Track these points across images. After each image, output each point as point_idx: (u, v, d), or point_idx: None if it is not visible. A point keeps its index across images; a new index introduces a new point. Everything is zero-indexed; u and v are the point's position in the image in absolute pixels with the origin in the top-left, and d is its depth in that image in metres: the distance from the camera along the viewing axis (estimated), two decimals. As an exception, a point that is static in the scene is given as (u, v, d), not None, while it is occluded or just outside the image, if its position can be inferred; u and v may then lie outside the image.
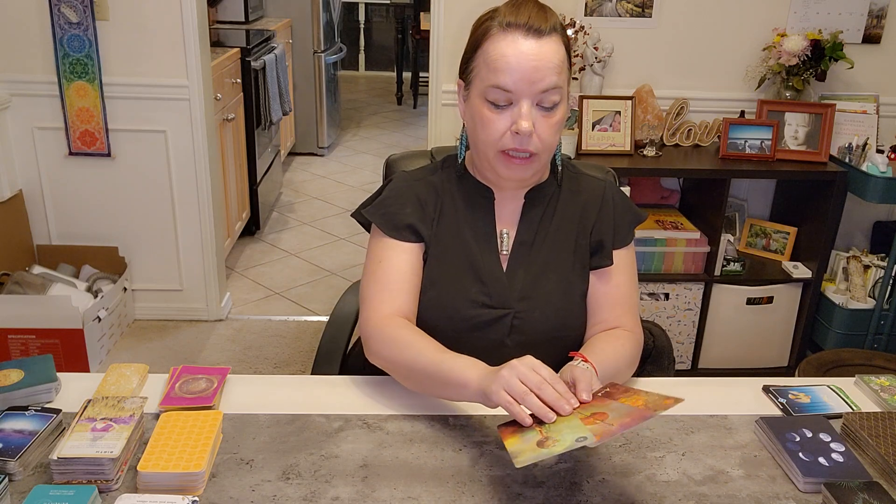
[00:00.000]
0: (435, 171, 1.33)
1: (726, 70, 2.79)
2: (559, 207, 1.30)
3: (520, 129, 1.14)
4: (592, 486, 1.00)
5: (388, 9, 8.03)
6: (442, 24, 2.69)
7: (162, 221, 2.91)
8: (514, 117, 1.15)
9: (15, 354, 2.51)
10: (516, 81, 1.13)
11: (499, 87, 1.14)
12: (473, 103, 1.20)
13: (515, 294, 1.25)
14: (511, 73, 1.13)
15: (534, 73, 1.13)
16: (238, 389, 1.20)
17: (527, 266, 1.27)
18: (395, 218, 1.26)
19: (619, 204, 1.32)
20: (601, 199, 1.31)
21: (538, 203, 1.29)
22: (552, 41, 1.15)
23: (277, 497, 0.97)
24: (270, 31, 4.19)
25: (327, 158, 5.33)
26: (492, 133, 1.17)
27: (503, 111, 1.16)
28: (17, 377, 1.13)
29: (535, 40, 1.14)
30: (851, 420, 1.12)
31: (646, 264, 2.65)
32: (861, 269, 2.70)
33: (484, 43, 1.17)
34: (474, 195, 1.29)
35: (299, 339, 2.95)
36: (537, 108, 1.16)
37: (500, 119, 1.16)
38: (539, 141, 1.17)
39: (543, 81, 1.14)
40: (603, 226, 1.29)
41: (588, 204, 1.31)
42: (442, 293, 1.25)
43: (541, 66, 1.13)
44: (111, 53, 2.68)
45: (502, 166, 1.20)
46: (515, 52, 1.13)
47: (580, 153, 2.57)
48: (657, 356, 1.49)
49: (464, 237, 1.27)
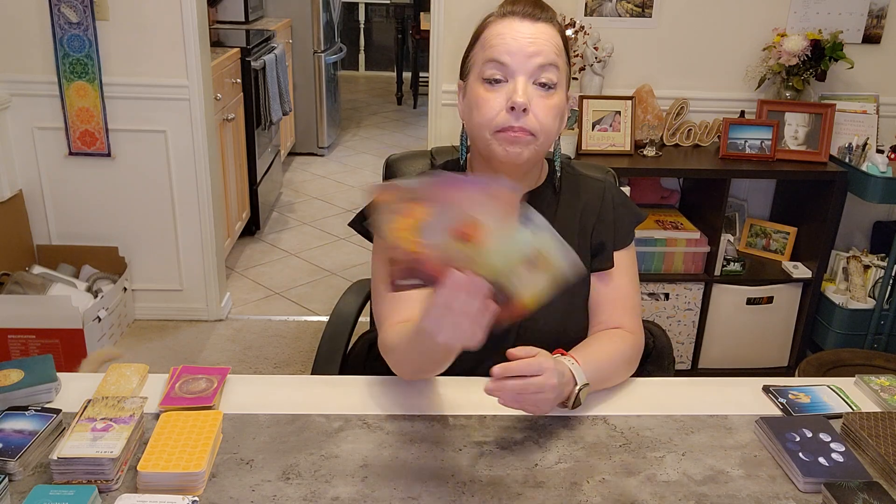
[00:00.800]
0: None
1: (726, 70, 2.79)
2: (559, 211, 1.28)
3: (515, 102, 1.12)
4: (592, 486, 1.00)
5: (388, 9, 8.03)
6: (442, 24, 2.69)
7: (162, 221, 2.91)
8: (510, 93, 1.13)
9: (15, 354, 2.51)
10: (512, 54, 1.14)
11: (494, 61, 1.14)
12: (470, 90, 1.19)
13: None
14: (507, 46, 1.14)
15: (529, 47, 1.14)
16: (238, 389, 1.20)
17: None
18: None
19: (619, 204, 1.32)
20: (601, 201, 1.30)
21: (536, 207, 1.27)
22: (548, 27, 1.17)
23: (277, 497, 0.97)
24: (270, 31, 4.19)
25: (327, 158, 5.33)
26: (487, 112, 1.15)
27: (499, 89, 1.15)
28: (17, 377, 1.13)
29: (531, 22, 1.16)
30: (851, 420, 1.12)
31: (646, 264, 2.65)
32: (861, 269, 2.70)
33: (483, 32, 1.20)
34: None
35: (299, 339, 2.95)
36: (534, 86, 1.14)
37: (495, 97, 1.14)
38: (536, 121, 1.14)
39: (539, 56, 1.14)
40: (603, 227, 1.28)
41: (588, 205, 1.29)
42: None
43: (537, 42, 1.14)
44: (111, 53, 2.68)
45: (498, 146, 1.15)
46: (511, 31, 1.15)
47: (580, 153, 2.57)
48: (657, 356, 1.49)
49: None
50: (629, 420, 1.15)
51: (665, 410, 1.18)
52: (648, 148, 2.61)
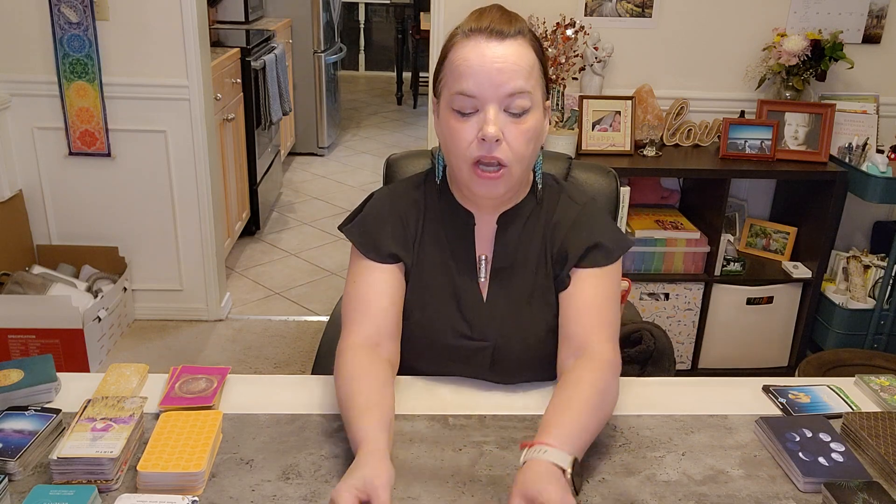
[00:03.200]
0: (419, 187, 1.27)
1: (726, 70, 2.79)
2: (537, 229, 1.22)
3: (485, 134, 1.07)
4: (592, 486, 1.00)
5: (388, 9, 8.03)
6: (442, 24, 2.69)
7: (162, 221, 2.91)
8: (480, 123, 1.09)
9: (15, 354, 2.51)
10: (480, 84, 1.08)
11: (462, 94, 1.09)
12: (442, 115, 1.14)
13: (496, 325, 1.20)
14: (474, 76, 1.08)
15: (498, 76, 1.07)
16: (238, 389, 1.20)
17: (507, 294, 1.21)
18: (374, 239, 1.21)
19: (593, 226, 1.21)
20: (572, 222, 1.22)
21: (513, 225, 1.22)
22: (518, 44, 1.10)
23: (277, 497, 0.97)
24: (270, 31, 4.19)
25: (327, 158, 5.33)
26: (459, 143, 1.11)
27: (469, 119, 1.10)
28: (17, 377, 1.13)
29: (497, 42, 1.09)
30: (851, 420, 1.12)
31: (646, 264, 2.65)
32: (861, 269, 2.70)
33: (449, 53, 1.13)
34: (455, 218, 1.23)
35: (299, 339, 2.95)
36: (505, 114, 1.09)
37: (466, 128, 1.10)
38: (509, 150, 1.10)
39: (509, 84, 1.08)
40: (569, 247, 1.20)
41: (559, 224, 1.22)
42: (424, 321, 1.21)
43: (505, 69, 1.08)
44: (111, 53, 2.68)
45: (474, 183, 1.13)
46: (478, 55, 1.09)
47: (580, 153, 2.57)
48: (658, 357, 1.49)
49: (445, 262, 1.22)
50: (629, 420, 1.15)
51: (665, 410, 1.18)
52: (648, 148, 2.61)
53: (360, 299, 1.18)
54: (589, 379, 1.06)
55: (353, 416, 1.02)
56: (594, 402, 1.03)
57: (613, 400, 1.09)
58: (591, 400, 1.03)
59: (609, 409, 1.07)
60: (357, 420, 1.01)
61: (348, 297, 1.20)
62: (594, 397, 1.04)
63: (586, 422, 1.01)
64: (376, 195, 1.27)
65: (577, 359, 1.12)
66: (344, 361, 1.12)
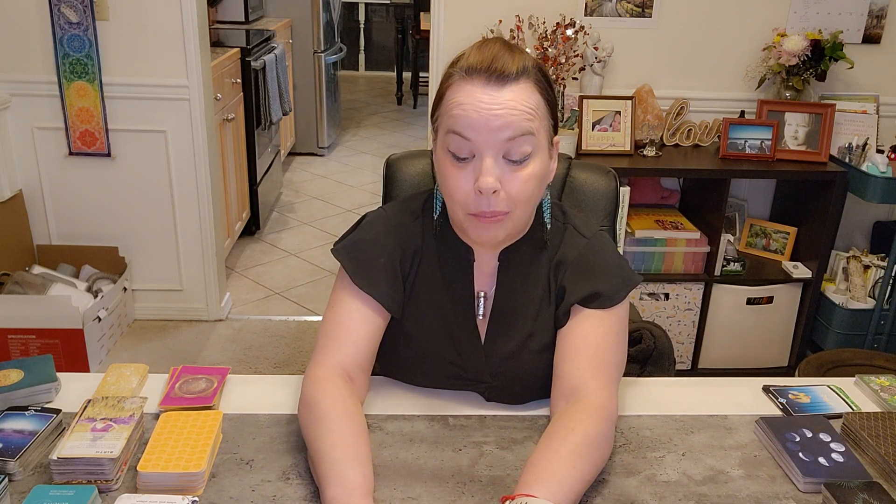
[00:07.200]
0: (416, 217, 1.19)
1: (726, 70, 2.79)
2: (541, 266, 1.16)
3: (481, 186, 1.00)
4: (592, 486, 1.00)
5: (388, 9, 8.03)
6: (442, 24, 2.69)
7: (162, 221, 2.91)
8: (477, 173, 1.01)
9: (15, 354, 2.51)
10: (476, 130, 1.00)
11: (457, 133, 1.01)
12: (438, 154, 1.07)
13: (493, 367, 1.15)
14: (469, 120, 1.00)
15: (495, 121, 0.99)
16: (238, 389, 1.20)
17: (507, 336, 1.15)
18: (366, 268, 1.14)
19: (596, 271, 1.13)
20: (576, 259, 1.15)
21: (516, 264, 1.15)
22: (520, 88, 1.02)
23: (277, 497, 0.96)
24: (270, 31, 4.19)
25: (327, 158, 5.33)
26: (455, 192, 1.04)
27: (465, 166, 1.03)
28: (17, 377, 1.13)
29: (497, 85, 1.01)
30: (851, 420, 1.12)
31: (646, 264, 2.65)
32: (861, 269, 2.70)
33: (446, 93, 1.05)
34: (453, 255, 1.16)
35: (299, 339, 2.95)
36: (504, 161, 1.02)
37: (462, 175, 1.03)
38: (509, 199, 1.03)
39: (507, 130, 1.00)
40: (570, 284, 1.13)
41: (562, 263, 1.15)
42: (419, 356, 1.17)
43: (503, 114, 1.00)
44: (111, 53, 2.68)
45: (472, 229, 1.06)
46: (474, 99, 1.01)
47: (580, 153, 2.57)
48: (658, 357, 1.49)
49: (441, 300, 1.16)
50: (629, 420, 1.15)
51: (665, 410, 1.18)
52: (648, 148, 2.61)
53: (339, 325, 1.12)
54: (580, 429, 0.98)
55: (326, 460, 0.95)
56: (584, 453, 0.96)
57: (607, 452, 1.01)
58: (581, 451, 0.96)
59: (601, 461, 0.99)
60: (328, 468, 0.93)
61: (327, 322, 1.14)
62: (584, 448, 0.96)
63: (576, 475, 0.94)
64: (371, 218, 1.19)
65: (569, 403, 1.05)
66: (317, 394, 1.04)
